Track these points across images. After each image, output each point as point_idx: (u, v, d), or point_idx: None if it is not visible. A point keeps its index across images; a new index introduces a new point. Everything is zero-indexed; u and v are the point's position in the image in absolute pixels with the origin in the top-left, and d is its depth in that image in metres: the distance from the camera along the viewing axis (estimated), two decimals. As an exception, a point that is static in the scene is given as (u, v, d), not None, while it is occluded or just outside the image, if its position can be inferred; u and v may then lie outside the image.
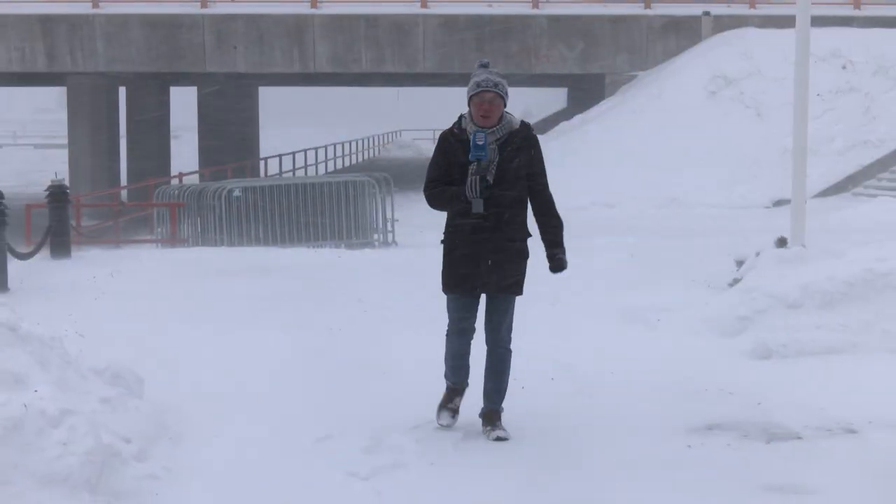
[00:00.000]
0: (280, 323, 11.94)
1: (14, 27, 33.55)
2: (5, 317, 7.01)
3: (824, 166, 26.71)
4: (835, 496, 6.37)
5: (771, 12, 33.00)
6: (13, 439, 5.93)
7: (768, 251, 11.98)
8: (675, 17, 33.60)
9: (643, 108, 30.27)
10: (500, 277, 7.09)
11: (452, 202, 7.06)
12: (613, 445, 7.31)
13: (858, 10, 33.65)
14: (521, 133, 7.15)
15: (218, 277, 14.88)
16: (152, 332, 11.21)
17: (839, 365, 9.44)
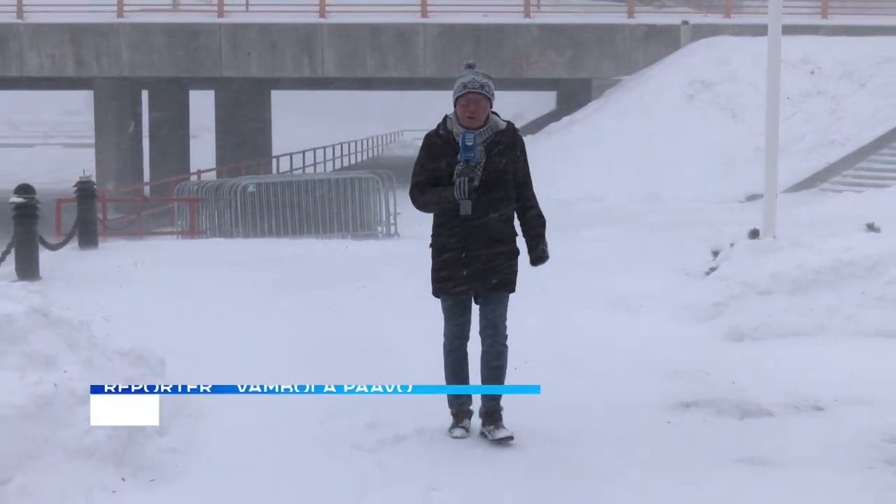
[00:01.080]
0: (291, 308, 11.95)
1: (46, 36, 33.56)
2: (37, 303, 7.01)
3: (794, 164, 26.73)
4: (802, 468, 6.38)
5: (745, 21, 33.04)
6: (45, 416, 5.94)
7: (742, 242, 11.97)
8: (656, 25, 33.62)
9: (626, 110, 30.28)
10: (491, 276, 6.64)
11: (439, 203, 6.60)
12: (599, 421, 7.33)
13: (825, 19, 33.67)
14: (507, 134, 6.69)
15: (234, 266, 14.88)
16: (173, 316, 11.22)
17: (807, 347, 9.45)
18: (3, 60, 33.85)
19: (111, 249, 17.56)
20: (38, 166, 57.25)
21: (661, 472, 6.30)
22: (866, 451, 6.64)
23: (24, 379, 6.09)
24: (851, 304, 10.03)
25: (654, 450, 6.74)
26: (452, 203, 6.44)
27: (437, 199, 6.57)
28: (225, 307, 11.97)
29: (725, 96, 29.80)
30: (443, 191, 6.50)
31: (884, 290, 10.04)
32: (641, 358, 9.19)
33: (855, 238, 11.31)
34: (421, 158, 6.72)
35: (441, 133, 6.64)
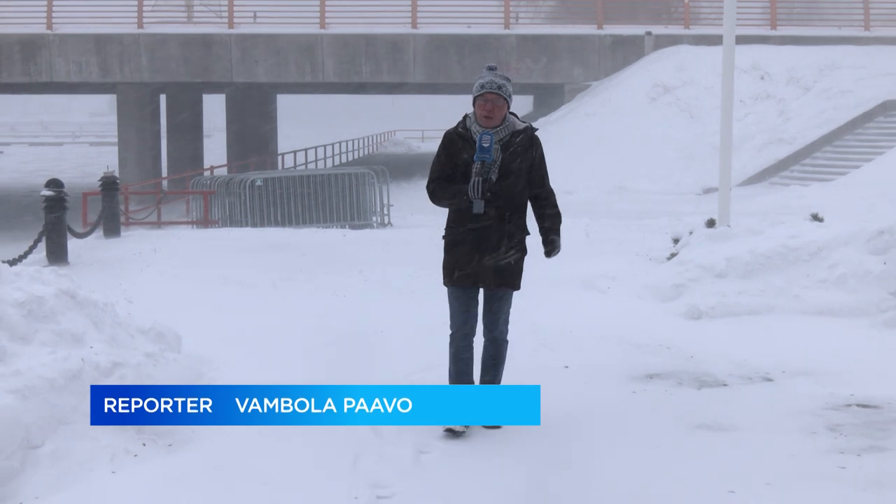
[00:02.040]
0: (294, 290, 11.95)
1: (73, 45, 33.48)
2: (66, 286, 6.99)
3: (746, 160, 26.77)
4: (754, 433, 6.39)
5: (701, 32, 33.04)
6: (73, 387, 5.93)
7: (699, 230, 11.99)
8: (622, 36, 33.61)
9: (596, 112, 30.29)
10: (499, 272, 6.25)
11: (455, 200, 6.21)
12: (570, 389, 7.33)
13: (774, 30, 33.69)
14: (524, 134, 6.29)
15: (243, 252, 14.87)
16: (188, 297, 11.20)
17: (758, 324, 9.47)
18: (35, 67, 33.78)
19: (132, 237, 17.54)
20: (66, 163, 57.15)
21: (627, 437, 6.31)
22: (810, 418, 6.66)
23: (54, 354, 6.09)
24: (797, 285, 10.06)
25: (621, 417, 6.75)
26: (466, 201, 6.12)
27: (452, 197, 6.23)
28: (235, 289, 11.96)
29: (684, 99, 29.83)
30: (458, 189, 6.18)
31: (826, 273, 10.06)
32: (609, 333, 9.20)
33: (801, 227, 11.33)
34: (439, 155, 6.38)
35: (460, 131, 6.31)
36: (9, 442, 5.39)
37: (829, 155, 27.01)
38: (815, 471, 5.67)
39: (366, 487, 5.39)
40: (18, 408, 5.54)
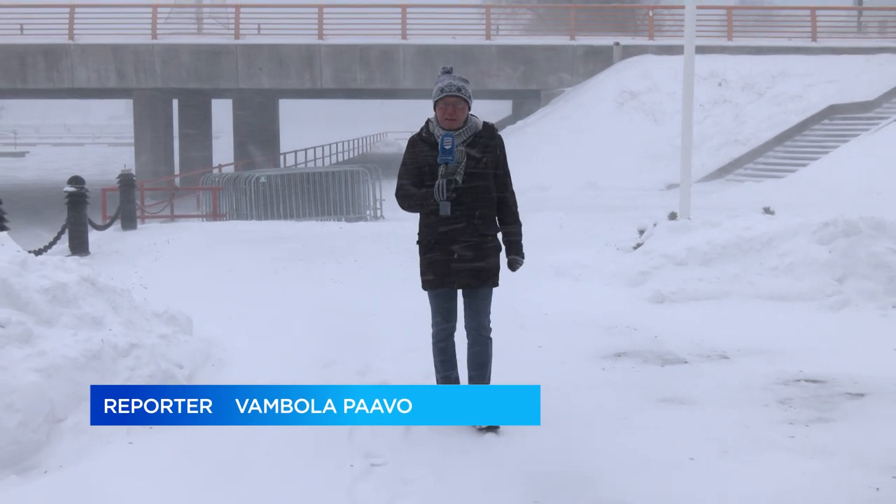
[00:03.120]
0: (295, 276, 11.94)
1: (93, 54, 33.42)
2: (87, 273, 6.98)
3: (705, 159, 26.85)
4: (710, 404, 6.42)
5: (665, 43, 33.09)
6: (94, 366, 5.93)
7: (662, 223, 12.00)
8: (593, 46, 33.66)
9: (569, 115, 30.32)
10: (476, 271, 5.80)
11: (422, 204, 5.73)
12: (546, 367, 7.34)
13: (731, 41, 33.76)
14: (486, 133, 5.83)
15: (248, 243, 14.84)
16: (199, 284, 11.19)
17: (715, 308, 9.49)
18: (58, 74, 33.70)
19: (147, 230, 17.51)
20: (87, 162, 57.01)
21: (597, 410, 6.32)
22: (762, 393, 6.68)
23: (76, 336, 6.08)
24: (751, 273, 10.08)
25: (591, 391, 6.76)
26: (433, 204, 5.63)
27: (420, 201, 5.73)
28: (241, 276, 11.95)
29: (649, 104, 29.87)
30: (425, 192, 5.69)
31: (777, 261, 10.09)
32: (581, 317, 9.21)
33: (754, 219, 11.36)
34: (405, 160, 5.87)
35: (423, 136, 5.80)
36: (35, 416, 5.39)
37: (780, 154, 27.11)
38: (766, 440, 5.69)
39: (360, 457, 5.41)
40: (43, 385, 5.54)
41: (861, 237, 9.93)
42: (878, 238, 9.96)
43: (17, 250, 6.75)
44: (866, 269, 9.67)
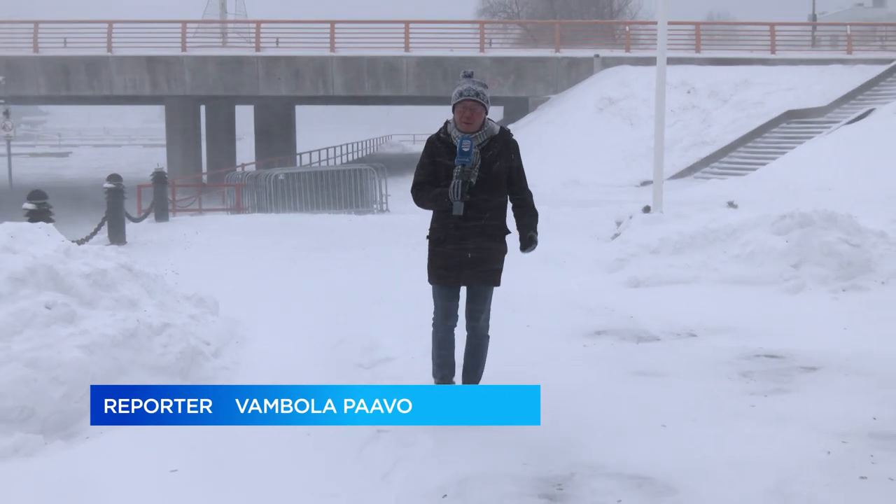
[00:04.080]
0: (310, 264, 11.94)
1: (129, 65, 33.42)
2: (124, 260, 6.97)
3: (675, 158, 26.82)
4: (681, 376, 6.43)
5: (640, 55, 33.06)
6: (130, 343, 5.93)
7: (637, 215, 12.02)
8: (576, 58, 33.61)
9: (554, 120, 30.30)
10: (480, 270, 5.46)
11: (436, 202, 5.37)
12: (534, 344, 7.35)
13: (699, 53, 33.71)
14: (502, 138, 5.46)
15: (268, 234, 14.85)
16: (224, 269, 11.20)
17: (685, 291, 9.50)
18: (98, 83, 33.68)
19: (178, 222, 17.50)
20: (124, 161, 56.92)
21: (579, 382, 6.33)
22: (726, 366, 6.69)
23: (114, 316, 6.08)
24: (716, 260, 10.09)
25: (574, 365, 6.77)
26: (447, 203, 5.29)
27: (434, 199, 5.37)
28: (262, 263, 11.95)
29: (626, 109, 29.85)
30: (440, 192, 5.33)
31: (739, 250, 10.10)
32: (565, 299, 9.21)
33: (719, 212, 11.39)
34: (422, 159, 5.50)
35: (441, 136, 5.45)
36: (78, 388, 5.39)
37: (743, 155, 27.09)
38: (730, 409, 5.70)
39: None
40: (86, 360, 5.54)
41: (814, 228, 9.94)
42: (830, 229, 9.97)
43: (61, 240, 6.75)
44: (819, 256, 9.68)
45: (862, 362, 6.67)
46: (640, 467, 4.76)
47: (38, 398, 5.20)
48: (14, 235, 6.42)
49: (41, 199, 11.52)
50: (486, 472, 4.68)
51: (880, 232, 10.36)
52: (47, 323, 5.66)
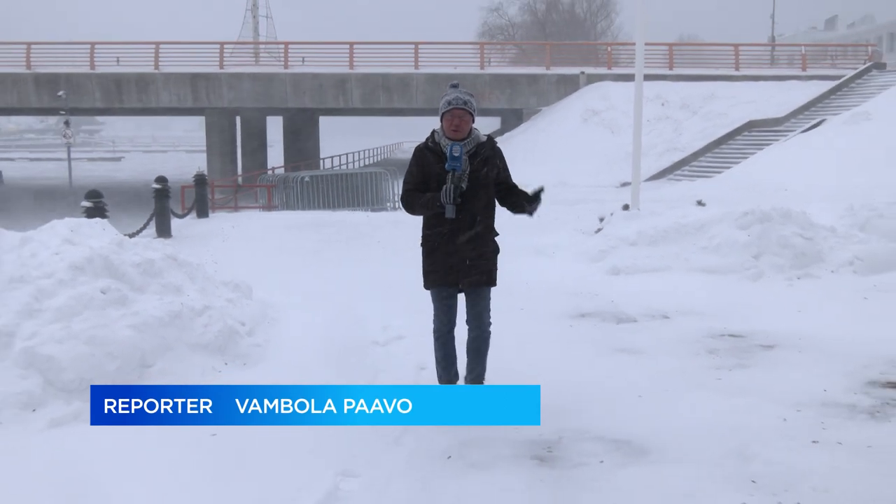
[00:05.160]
0: (331, 254, 11.95)
1: (174, 81, 33.42)
2: (170, 251, 6.98)
3: (651, 163, 26.75)
4: (656, 355, 6.43)
5: (620, 72, 32.95)
6: (175, 323, 5.94)
7: (618, 212, 12.00)
8: (565, 74, 33.53)
9: (545, 129, 30.24)
10: (476, 272, 5.06)
11: (428, 207, 4.97)
12: (526, 324, 7.35)
13: (672, 70, 33.63)
14: (488, 145, 5.09)
15: (295, 228, 14.85)
16: (257, 259, 11.20)
17: (659, 279, 9.50)
18: (146, 96, 33.70)
19: (217, 218, 17.50)
20: (169, 165, 57.06)
21: (567, 358, 6.34)
22: (694, 344, 6.69)
23: (161, 300, 6.09)
24: (687, 251, 10.09)
25: (561, 343, 6.78)
26: (440, 207, 4.91)
27: (426, 204, 4.97)
28: (289, 254, 11.97)
29: (607, 120, 29.78)
30: (431, 196, 4.95)
31: (707, 242, 10.09)
32: (554, 285, 9.22)
33: (689, 209, 11.37)
34: (411, 168, 5.09)
35: (430, 145, 5.05)
36: (129, 362, 5.41)
37: (710, 159, 27.01)
38: (698, 381, 5.71)
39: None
40: (136, 338, 5.55)
41: (773, 224, 9.93)
42: (786, 224, 9.96)
43: (115, 234, 6.76)
44: (776, 248, 9.68)
45: (813, 341, 6.68)
46: (619, 432, 4.77)
47: (95, 371, 5.22)
48: (74, 230, 6.44)
49: (97, 198, 11.54)
50: (485, 436, 4.69)
51: (830, 227, 10.35)
52: (103, 306, 5.68)
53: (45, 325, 5.35)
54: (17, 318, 5.37)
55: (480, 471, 4.31)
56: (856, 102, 27.37)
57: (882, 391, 5.44)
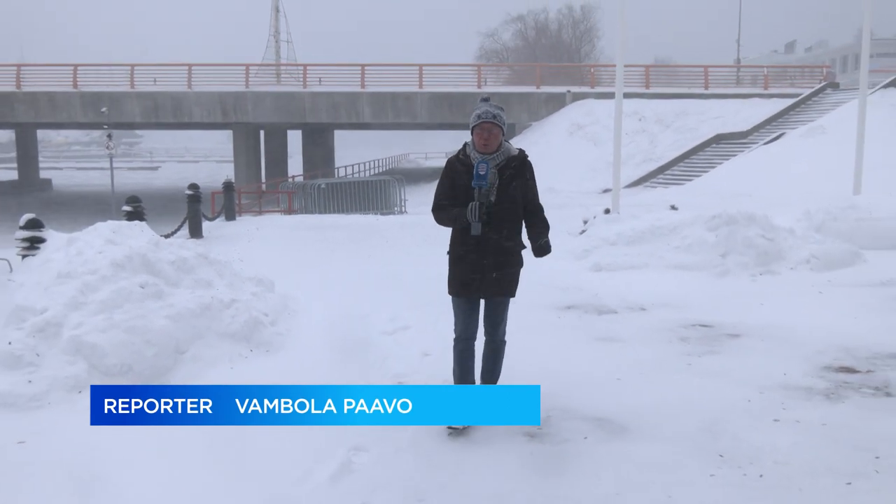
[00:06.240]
0: (345, 253, 11.94)
1: (204, 98, 33.38)
2: (201, 250, 6.98)
3: (629, 171, 26.73)
4: (634, 342, 6.42)
5: (602, 90, 32.89)
6: (206, 314, 5.94)
7: (600, 216, 11.99)
8: (553, 93, 33.48)
9: (535, 141, 30.20)
10: (498, 283, 4.62)
11: (456, 222, 4.51)
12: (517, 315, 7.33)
13: (648, 89, 33.54)
14: (518, 159, 4.62)
15: (312, 230, 14.85)
16: (278, 257, 11.19)
17: (637, 275, 9.49)
18: (180, 112, 33.70)
19: (243, 221, 17.50)
20: (200, 173, 56.95)
21: (555, 345, 6.34)
22: (668, 333, 6.69)
23: (193, 293, 6.09)
24: (662, 250, 10.08)
25: (550, 332, 6.76)
26: (465, 223, 4.47)
27: (454, 219, 4.51)
28: (307, 252, 11.95)
29: (591, 133, 29.76)
30: (459, 211, 4.49)
31: (680, 242, 10.08)
32: (543, 280, 9.19)
33: (664, 213, 11.35)
34: (442, 181, 4.59)
35: (461, 157, 4.59)
36: (165, 348, 5.40)
37: (682, 168, 27.00)
38: (672, 366, 5.70)
39: (391, 377, 5.42)
40: (171, 327, 5.55)
41: (738, 226, 9.92)
42: (750, 226, 9.95)
43: (152, 235, 6.76)
44: (741, 248, 9.67)
45: (775, 330, 6.67)
46: (601, 411, 4.76)
47: (134, 357, 5.22)
48: (115, 231, 6.44)
49: (136, 202, 11.54)
50: (482, 414, 4.68)
51: (790, 229, 10.34)
52: (141, 299, 5.68)
53: (89, 316, 5.35)
54: (64, 309, 5.37)
55: (478, 445, 4.31)
56: (812, 118, 27.37)
57: (835, 375, 5.44)
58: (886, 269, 9.38)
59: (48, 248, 6.45)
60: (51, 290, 5.56)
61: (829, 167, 19.94)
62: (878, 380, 5.31)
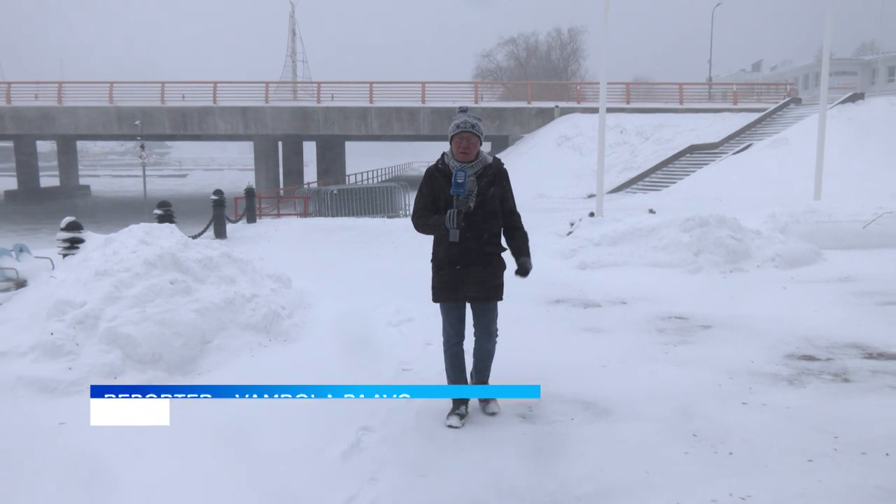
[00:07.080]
0: (355, 252, 11.92)
1: (228, 112, 33.35)
2: (225, 250, 6.96)
3: (612, 178, 26.71)
4: (615, 332, 6.41)
5: (588, 105, 32.90)
6: (229, 308, 5.93)
7: (585, 218, 11.98)
8: (542, 108, 33.46)
9: (527, 151, 30.20)
10: (484, 287, 4.38)
11: (435, 229, 4.28)
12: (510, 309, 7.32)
13: (628, 104, 33.54)
14: (495, 167, 4.39)
15: (326, 231, 14.83)
16: (295, 256, 11.18)
17: (619, 272, 9.48)
18: (206, 125, 33.68)
19: (263, 223, 17.48)
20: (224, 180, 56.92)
21: (544, 336, 6.33)
22: (647, 325, 6.68)
23: (218, 289, 6.07)
24: (641, 250, 10.07)
25: (539, 324, 6.76)
26: (445, 230, 4.24)
27: (433, 226, 4.29)
28: (321, 252, 11.94)
29: (577, 144, 29.73)
30: (438, 219, 4.26)
31: (657, 242, 10.08)
32: (534, 277, 9.12)
33: (643, 216, 11.34)
34: (421, 188, 4.39)
35: (440, 167, 4.37)
36: (192, 339, 5.39)
37: (660, 176, 26.97)
38: (650, 355, 5.70)
39: (395, 364, 5.41)
40: (198, 320, 5.54)
41: (710, 227, 9.92)
42: (721, 228, 9.95)
43: (181, 236, 6.75)
44: (713, 247, 9.66)
45: (743, 322, 6.67)
46: (586, 395, 4.76)
47: (164, 347, 5.21)
48: (148, 232, 6.43)
49: (167, 207, 11.53)
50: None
51: (756, 230, 10.33)
52: (171, 294, 5.67)
53: (124, 310, 5.35)
54: (101, 303, 5.37)
55: (476, 426, 4.31)
56: (777, 130, 27.35)
57: (798, 363, 5.44)
58: (844, 266, 9.38)
59: (87, 248, 6.45)
60: (89, 285, 5.55)
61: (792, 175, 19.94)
62: (836, 367, 5.31)
